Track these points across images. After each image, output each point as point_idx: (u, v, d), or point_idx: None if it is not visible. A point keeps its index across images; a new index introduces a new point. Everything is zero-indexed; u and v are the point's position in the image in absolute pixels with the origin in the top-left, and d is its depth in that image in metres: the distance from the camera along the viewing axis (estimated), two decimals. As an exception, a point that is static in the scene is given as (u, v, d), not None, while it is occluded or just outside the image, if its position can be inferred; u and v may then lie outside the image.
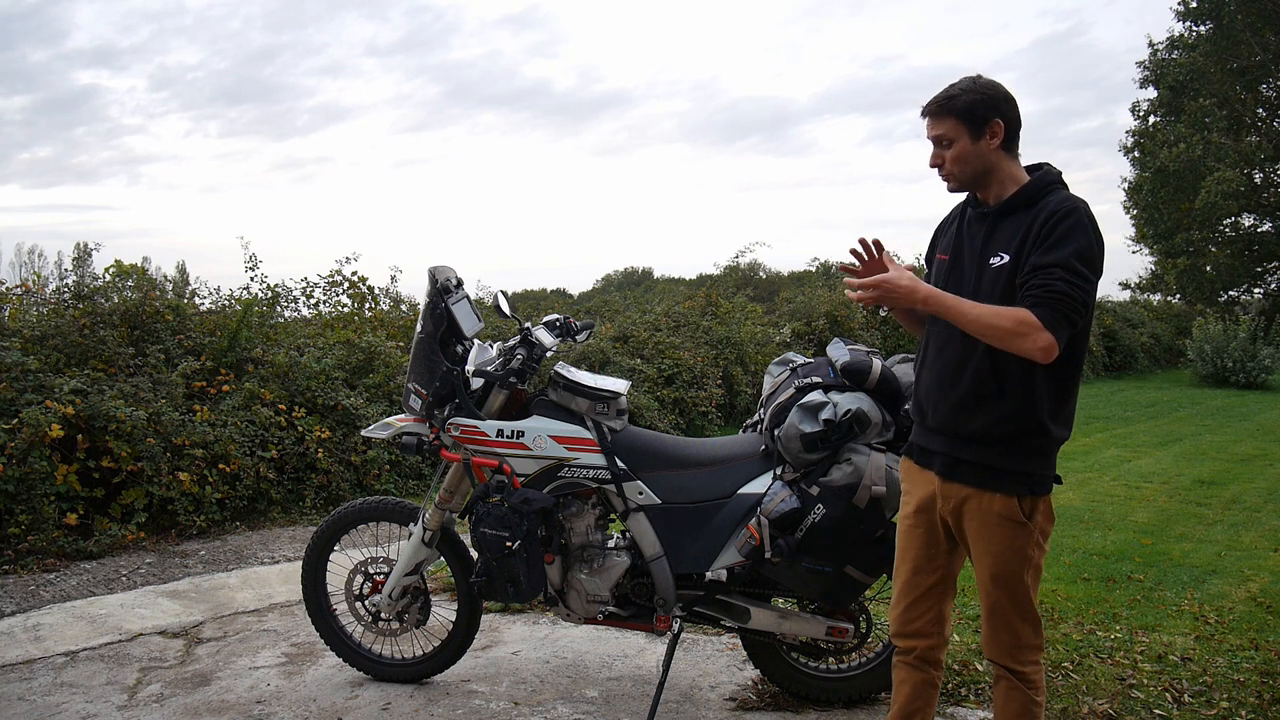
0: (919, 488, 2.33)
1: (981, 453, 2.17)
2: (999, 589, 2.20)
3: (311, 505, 6.08)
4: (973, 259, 2.20)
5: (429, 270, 3.21)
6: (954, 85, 2.19)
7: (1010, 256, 2.11)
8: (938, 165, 2.21)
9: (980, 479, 2.18)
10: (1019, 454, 2.15)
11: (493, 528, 2.95)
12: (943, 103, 2.18)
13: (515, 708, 3.22)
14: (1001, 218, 2.17)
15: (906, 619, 2.37)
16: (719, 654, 3.70)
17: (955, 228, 2.31)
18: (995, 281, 2.13)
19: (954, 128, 2.17)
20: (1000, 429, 2.15)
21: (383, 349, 7.22)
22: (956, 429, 2.21)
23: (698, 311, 11.29)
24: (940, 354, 2.25)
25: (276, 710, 3.21)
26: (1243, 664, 3.47)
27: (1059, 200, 2.11)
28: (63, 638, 3.88)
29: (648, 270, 47.26)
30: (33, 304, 6.76)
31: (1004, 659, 2.24)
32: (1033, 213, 2.12)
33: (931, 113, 2.20)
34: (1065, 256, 2.02)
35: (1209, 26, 21.67)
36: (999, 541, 2.17)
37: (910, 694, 2.39)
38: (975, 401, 2.16)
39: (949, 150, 2.18)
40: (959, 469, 2.21)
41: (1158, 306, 23.68)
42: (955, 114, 2.16)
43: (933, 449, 2.28)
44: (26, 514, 4.90)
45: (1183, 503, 6.48)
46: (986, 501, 2.17)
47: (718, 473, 3.04)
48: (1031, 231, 2.09)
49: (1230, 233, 23.04)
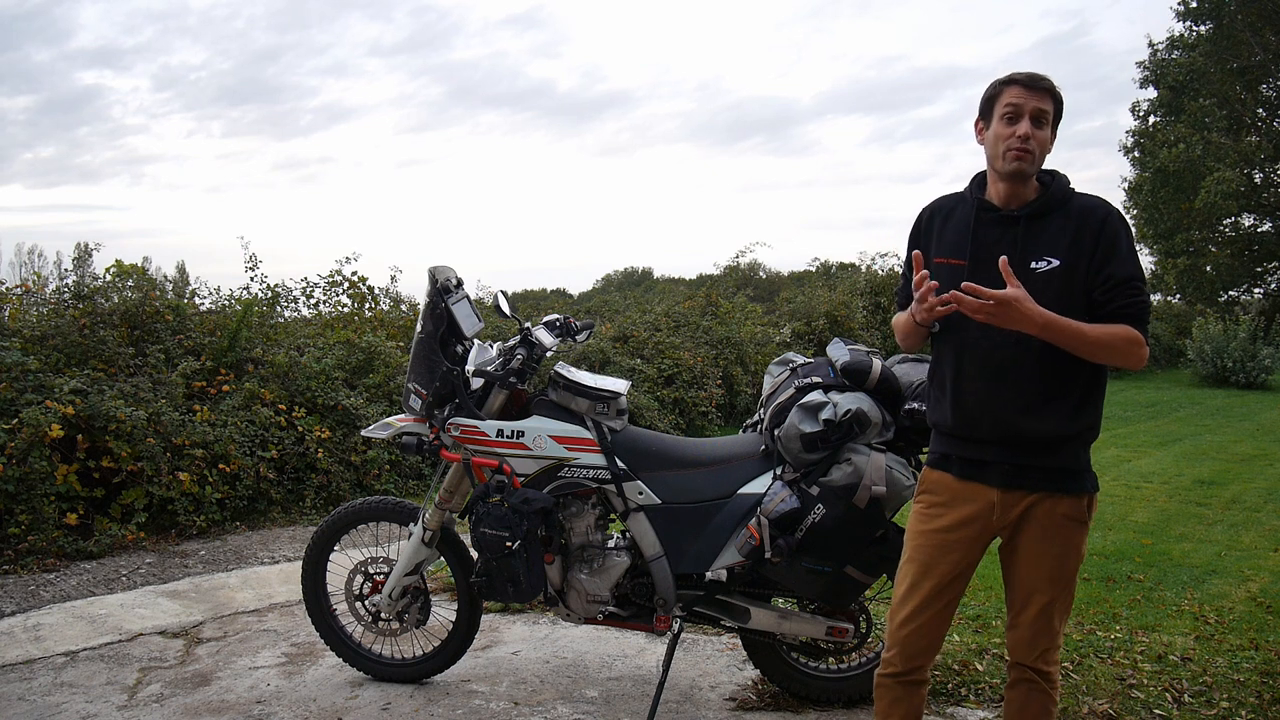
0: (964, 502, 2.23)
1: (1048, 456, 2.15)
2: (1057, 589, 2.18)
3: (311, 505, 6.08)
4: (1013, 263, 2.07)
5: (429, 270, 3.21)
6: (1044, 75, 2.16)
7: (1060, 261, 2.09)
8: (1025, 137, 2.09)
9: (1049, 483, 2.15)
10: (1078, 453, 2.17)
11: (493, 528, 2.94)
12: (1052, 85, 2.13)
13: (515, 708, 3.22)
14: (1036, 220, 2.14)
15: (919, 634, 2.28)
16: (719, 654, 3.70)
17: (963, 229, 2.21)
18: (1046, 286, 2.08)
19: (1052, 113, 2.14)
20: (1065, 430, 2.13)
21: (383, 349, 7.22)
22: (1019, 436, 2.14)
23: (698, 311, 11.29)
24: (987, 361, 2.16)
25: (276, 710, 3.21)
26: (1243, 664, 3.47)
27: (1097, 204, 2.14)
28: (63, 638, 3.88)
29: (648, 270, 47.31)
30: (33, 304, 6.76)
31: (1038, 661, 2.22)
32: (1071, 215, 2.12)
33: (1044, 88, 2.13)
34: (1138, 268, 2.09)
35: (1209, 26, 21.69)
36: (1063, 543, 2.16)
37: (908, 711, 2.35)
38: (1041, 405, 2.12)
39: (1041, 130, 2.12)
40: (1024, 475, 2.16)
41: (1158, 306, 23.68)
42: (1056, 102, 2.15)
43: (987, 460, 2.19)
44: (26, 514, 4.90)
45: (1183, 503, 6.48)
46: (1053, 504, 2.15)
47: (718, 473, 3.04)
48: (1084, 237, 2.09)
49: (1230, 233, 23.04)
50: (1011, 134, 2.11)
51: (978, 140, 2.23)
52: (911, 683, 2.33)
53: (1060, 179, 2.19)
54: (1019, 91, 2.12)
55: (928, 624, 2.28)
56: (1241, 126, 22.39)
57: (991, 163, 2.19)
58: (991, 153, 2.17)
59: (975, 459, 2.21)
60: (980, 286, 2.00)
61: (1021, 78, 2.14)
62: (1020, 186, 2.16)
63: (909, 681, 2.33)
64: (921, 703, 2.36)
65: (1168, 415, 11.82)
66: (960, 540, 2.24)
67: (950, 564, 2.25)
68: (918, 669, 2.32)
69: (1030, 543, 2.18)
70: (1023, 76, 2.14)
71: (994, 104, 2.16)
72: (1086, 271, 2.08)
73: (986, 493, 2.20)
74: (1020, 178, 2.14)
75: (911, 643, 2.30)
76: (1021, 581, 2.22)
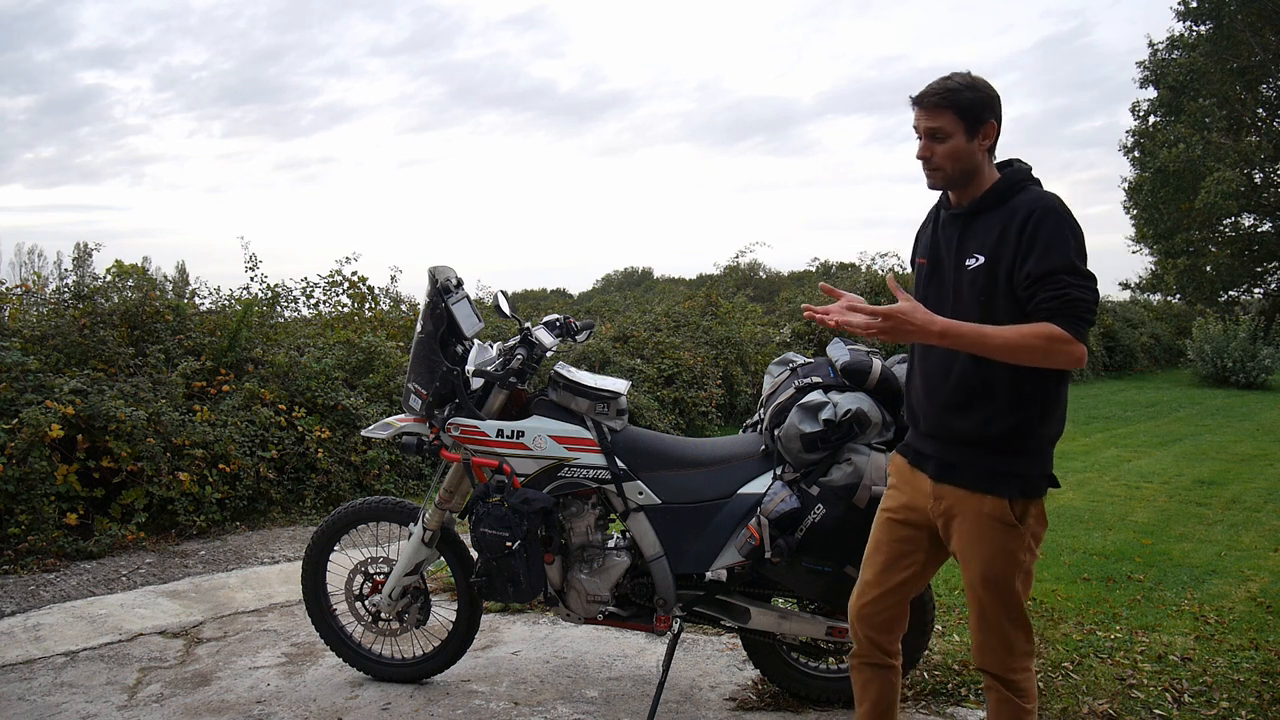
0: (910, 487, 2.31)
1: (973, 455, 2.15)
2: (989, 593, 2.16)
3: (311, 505, 6.08)
4: (951, 262, 2.17)
5: (429, 270, 3.21)
6: (951, 78, 2.12)
7: (986, 258, 2.08)
8: (927, 158, 2.14)
9: (972, 481, 2.15)
10: (1010, 455, 2.13)
11: (493, 528, 2.94)
12: (944, 95, 2.10)
13: (515, 708, 3.22)
14: (974, 218, 2.14)
15: (873, 611, 2.34)
16: (719, 654, 3.70)
17: (931, 231, 2.28)
18: (972, 284, 2.10)
19: (952, 122, 2.10)
20: (990, 430, 2.11)
21: (383, 349, 7.22)
22: (947, 432, 2.18)
23: (698, 311, 11.29)
24: (925, 358, 2.24)
25: (276, 710, 3.21)
26: (1243, 664, 3.47)
27: (1033, 199, 2.07)
28: (63, 638, 3.88)
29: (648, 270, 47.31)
30: (33, 304, 6.77)
31: (995, 668, 2.20)
32: (1006, 211, 2.09)
33: (933, 104, 2.11)
34: (1065, 259, 1.99)
35: (1209, 26, 21.69)
36: (989, 544, 2.14)
37: (879, 692, 2.40)
38: (963, 403, 2.14)
39: (942, 145, 2.12)
40: (951, 471, 2.19)
41: (1158, 306, 23.69)
42: (955, 109, 2.10)
43: (925, 452, 2.26)
44: (26, 514, 4.90)
45: (1183, 503, 6.48)
46: (977, 503, 2.14)
47: (718, 473, 3.04)
48: (1010, 233, 2.05)
49: (1230, 233, 23.05)
50: (918, 153, 2.17)
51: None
52: (878, 665, 2.38)
53: (1009, 174, 2.16)
54: (915, 112, 2.17)
55: (881, 602, 2.33)
56: (1241, 126, 22.39)
57: None
58: None
59: (919, 450, 2.29)
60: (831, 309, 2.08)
61: (915, 97, 2.16)
62: (972, 188, 2.16)
63: (874, 664, 2.38)
64: (893, 687, 2.40)
65: (1168, 415, 11.82)
66: (906, 522, 2.31)
67: (897, 544, 2.32)
68: (880, 650, 2.36)
69: (962, 543, 2.19)
70: (916, 96, 2.16)
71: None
72: (1010, 268, 2.04)
73: (924, 481, 2.26)
74: (937, 188, 2.21)
75: (868, 620, 2.35)
76: (966, 584, 2.24)
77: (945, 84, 2.11)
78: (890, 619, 2.35)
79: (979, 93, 2.11)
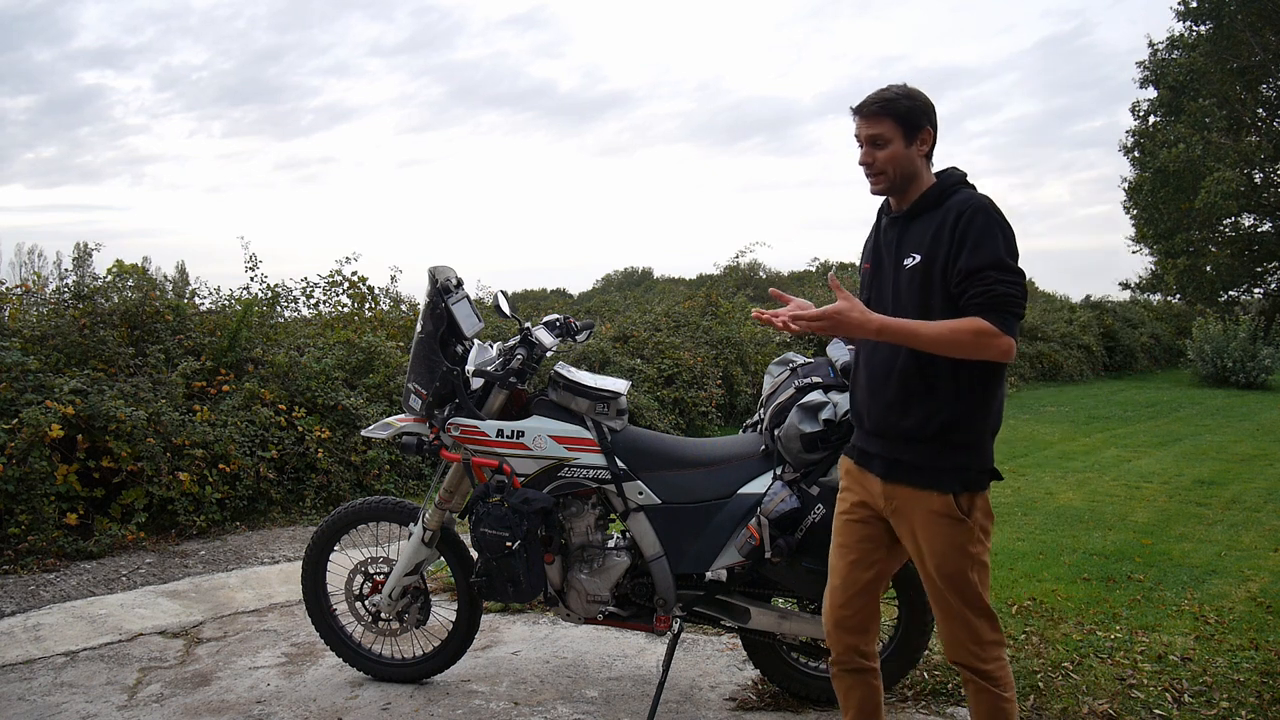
0: (860, 487, 2.37)
1: (916, 452, 2.22)
2: (948, 588, 2.22)
3: (311, 505, 6.08)
4: (891, 263, 2.27)
5: (429, 270, 3.21)
6: (889, 89, 2.23)
7: (922, 256, 2.18)
8: (869, 163, 2.24)
9: (917, 478, 2.22)
10: (951, 450, 2.20)
11: (493, 528, 2.95)
12: (883, 104, 2.21)
13: (515, 708, 3.22)
14: (911, 220, 2.25)
15: (847, 614, 2.38)
16: (719, 654, 3.70)
17: (874, 235, 2.38)
18: (910, 282, 2.19)
19: (891, 129, 2.21)
20: (931, 426, 2.19)
21: (383, 349, 7.22)
22: (891, 430, 2.25)
23: (698, 311, 11.29)
24: (870, 359, 2.31)
25: (276, 710, 3.21)
26: (1243, 664, 3.47)
27: (964, 199, 2.18)
28: (63, 638, 3.88)
29: (648, 270, 47.22)
30: (33, 304, 6.76)
31: (967, 659, 2.25)
32: (940, 213, 2.19)
33: (872, 112, 2.22)
34: (994, 257, 2.09)
35: (1209, 26, 21.67)
36: (940, 540, 2.20)
37: (863, 697, 2.43)
38: (905, 401, 2.21)
39: (883, 151, 2.22)
40: (896, 469, 2.25)
41: (1158, 306, 23.68)
42: (894, 116, 2.21)
43: (871, 451, 2.32)
44: (26, 514, 4.90)
45: (1183, 503, 6.48)
46: (924, 500, 2.21)
47: (718, 473, 3.04)
48: (943, 232, 2.15)
49: (1230, 233, 23.03)
50: (860, 160, 2.26)
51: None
52: (857, 670, 2.42)
53: (943, 178, 2.26)
54: (857, 121, 2.27)
55: (853, 604, 2.37)
56: (1241, 126, 22.38)
57: None
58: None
59: (865, 450, 2.34)
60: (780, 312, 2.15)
61: (856, 106, 2.27)
62: (906, 192, 2.26)
63: (854, 669, 2.42)
64: (875, 691, 2.44)
65: (1168, 415, 11.82)
66: (862, 521, 2.36)
67: (859, 544, 2.36)
68: (858, 654, 2.40)
69: (913, 540, 2.26)
70: (858, 105, 2.26)
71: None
72: (944, 266, 2.14)
73: (873, 481, 2.31)
74: (880, 194, 2.28)
75: (843, 624, 2.39)
76: (924, 581, 2.29)
77: (883, 94, 2.23)
78: (864, 620, 2.40)
79: (915, 101, 2.22)
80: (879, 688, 2.46)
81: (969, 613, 2.23)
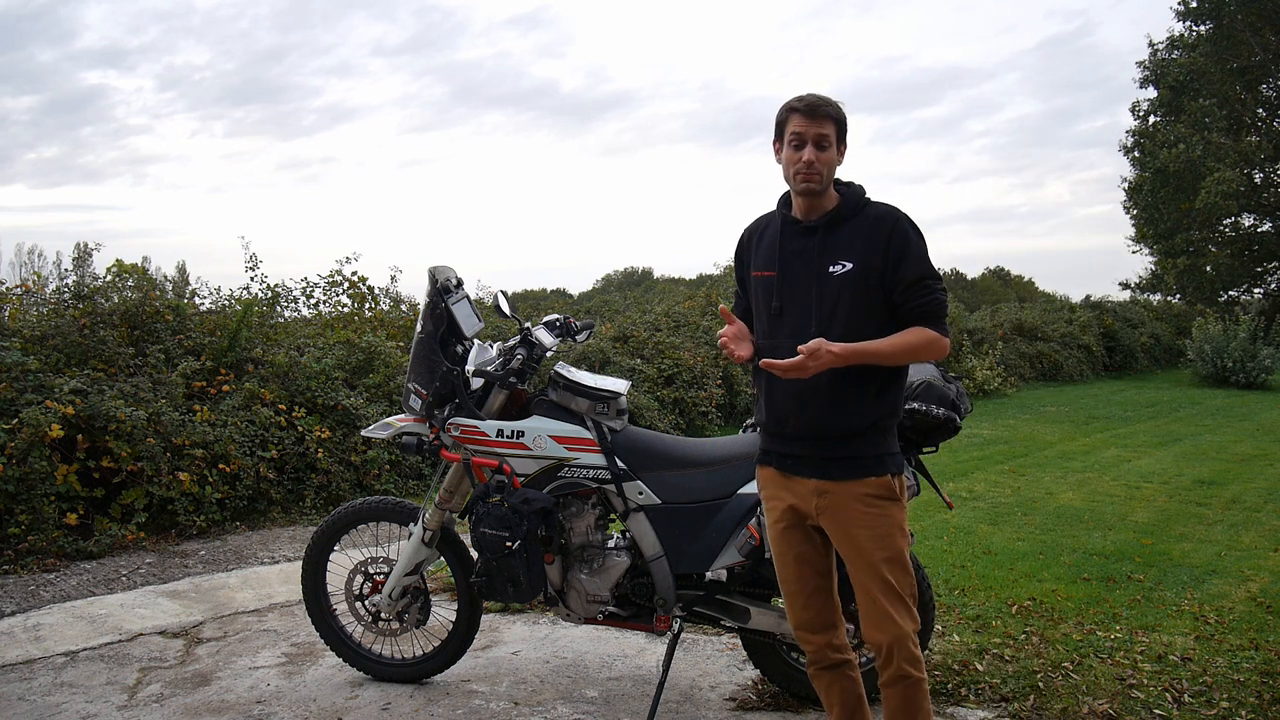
0: (787, 493, 2.40)
1: (849, 446, 2.30)
2: (889, 569, 2.27)
3: (311, 505, 6.08)
4: (808, 270, 2.30)
5: (429, 270, 3.21)
6: (823, 96, 2.28)
7: (854, 264, 2.26)
8: (810, 163, 2.25)
9: (853, 470, 2.30)
10: (880, 436, 2.32)
11: (493, 528, 2.95)
12: (831, 107, 2.26)
13: (515, 708, 3.22)
14: (832, 228, 2.30)
15: (809, 614, 2.43)
16: (719, 654, 3.70)
17: (773, 244, 2.38)
18: (842, 288, 2.26)
19: (834, 134, 2.27)
20: (865, 420, 2.29)
21: (383, 349, 7.23)
22: (823, 431, 2.30)
23: (698, 311, 11.30)
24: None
25: (276, 710, 3.21)
26: (1243, 664, 3.47)
27: (888, 210, 2.31)
28: (63, 638, 3.88)
29: (648, 270, 47.28)
30: (33, 304, 6.76)
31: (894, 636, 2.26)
32: (865, 221, 2.28)
33: (825, 114, 2.26)
34: (926, 266, 2.26)
35: (1209, 26, 21.68)
36: (881, 522, 2.29)
37: (843, 690, 2.46)
38: (840, 403, 2.28)
39: (825, 153, 2.26)
40: (830, 466, 2.31)
41: (1158, 306, 23.67)
42: (836, 122, 2.28)
43: (798, 454, 2.36)
44: (26, 514, 4.90)
45: (1183, 503, 6.48)
46: (862, 489, 2.29)
47: (718, 473, 3.04)
48: (874, 240, 2.25)
49: (1230, 233, 23.03)
50: (799, 159, 2.26)
51: (776, 160, 2.37)
52: (833, 665, 2.45)
53: (855, 189, 2.35)
54: (801, 120, 2.26)
55: (812, 606, 2.42)
56: (1241, 126, 22.38)
57: (787, 182, 2.34)
58: (785, 174, 2.33)
59: (790, 454, 2.38)
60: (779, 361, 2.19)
61: (802, 107, 2.28)
62: (817, 200, 2.31)
63: (830, 665, 2.45)
64: (855, 683, 2.48)
65: (1168, 415, 11.82)
66: (795, 526, 2.40)
67: (800, 548, 2.41)
68: (828, 648, 2.43)
69: (853, 530, 2.30)
70: (803, 105, 2.28)
71: (783, 130, 2.30)
72: (881, 273, 2.25)
73: (802, 484, 2.36)
74: (812, 195, 2.30)
75: (809, 625, 2.43)
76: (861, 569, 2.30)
77: (826, 99, 2.28)
78: (826, 617, 2.44)
79: (844, 115, 2.31)
80: (858, 679, 2.50)
81: (907, 593, 2.30)
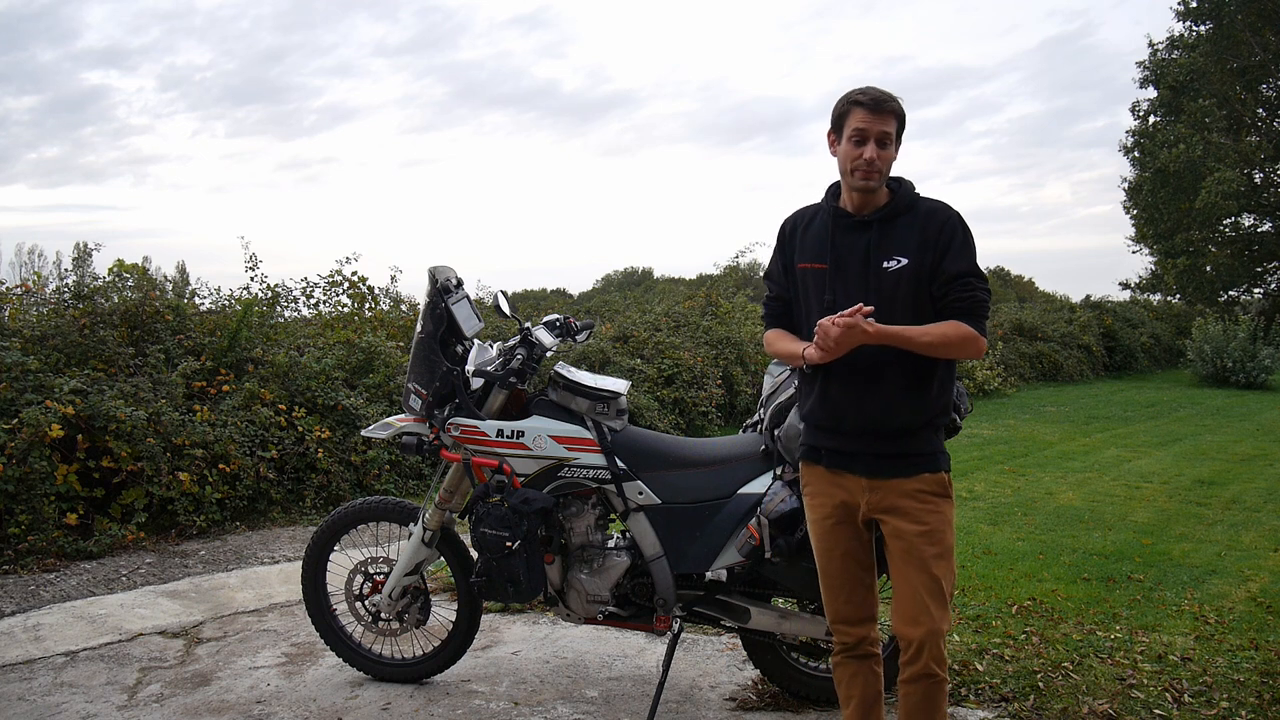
0: (837, 489, 2.40)
1: (905, 443, 2.30)
2: (937, 564, 2.27)
3: (311, 505, 6.08)
4: (861, 264, 2.29)
5: (429, 270, 3.21)
6: (887, 92, 2.25)
7: (909, 260, 2.25)
8: (871, 160, 2.22)
9: (908, 467, 2.30)
10: (934, 435, 2.34)
11: (493, 528, 2.95)
12: (895, 102, 2.24)
13: (515, 708, 3.22)
14: (886, 224, 2.29)
15: (850, 609, 2.44)
16: (719, 654, 3.70)
17: (823, 237, 2.36)
18: (896, 283, 2.25)
19: (895, 130, 2.25)
20: (922, 417, 2.30)
21: (383, 349, 7.23)
22: (883, 427, 2.30)
23: (698, 311, 11.30)
24: (852, 365, 2.29)
25: (276, 710, 3.21)
26: (1243, 664, 3.47)
27: (939, 206, 2.31)
28: (63, 638, 3.88)
29: (648, 270, 47.20)
30: (33, 304, 6.76)
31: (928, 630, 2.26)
32: (916, 218, 2.28)
33: (889, 109, 2.23)
34: (971, 263, 2.25)
35: (1209, 26, 21.66)
36: (935, 517, 2.29)
37: (865, 684, 2.47)
38: (900, 399, 2.28)
39: (885, 150, 2.24)
40: (887, 463, 2.31)
41: (1158, 306, 23.68)
42: (898, 118, 2.25)
43: (850, 451, 2.36)
44: (26, 514, 4.90)
45: (1183, 503, 6.48)
46: (916, 484, 2.29)
47: (718, 473, 3.04)
48: (927, 236, 2.25)
49: (1230, 233, 23.01)
50: (859, 155, 2.23)
51: (831, 152, 2.34)
52: (862, 656, 2.47)
53: (906, 185, 2.33)
54: (865, 116, 2.23)
55: (853, 600, 2.43)
56: (1241, 126, 22.36)
57: (843, 176, 2.32)
58: (842, 168, 2.31)
59: (840, 451, 2.38)
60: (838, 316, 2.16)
61: (867, 101, 2.24)
62: (871, 195, 2.30)
63: (858, 655, 2.47)
64: (877, 678, 2.49)
65: (1168, 415, 11.82)
66: (842, 522, 2.40)
67: (841, 546, 2.42)
68: (861, 640, 2.45)
69: (905, 525, 2.30)
70: (868, 100, 2.24)
71: (843, 123, 2.27)
72: (931, 268, 2.25)
73: (854, 481, 2.36)
74: (869, 192, 2.29)
75: (848, 619, 2.45)
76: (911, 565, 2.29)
77: (890, 94, 2.24)
78: (869, 611, 2.46)
79: (904, 109, 2.28)
80: (880, 675, 2.51)
81: (946, 590, 2.30)
